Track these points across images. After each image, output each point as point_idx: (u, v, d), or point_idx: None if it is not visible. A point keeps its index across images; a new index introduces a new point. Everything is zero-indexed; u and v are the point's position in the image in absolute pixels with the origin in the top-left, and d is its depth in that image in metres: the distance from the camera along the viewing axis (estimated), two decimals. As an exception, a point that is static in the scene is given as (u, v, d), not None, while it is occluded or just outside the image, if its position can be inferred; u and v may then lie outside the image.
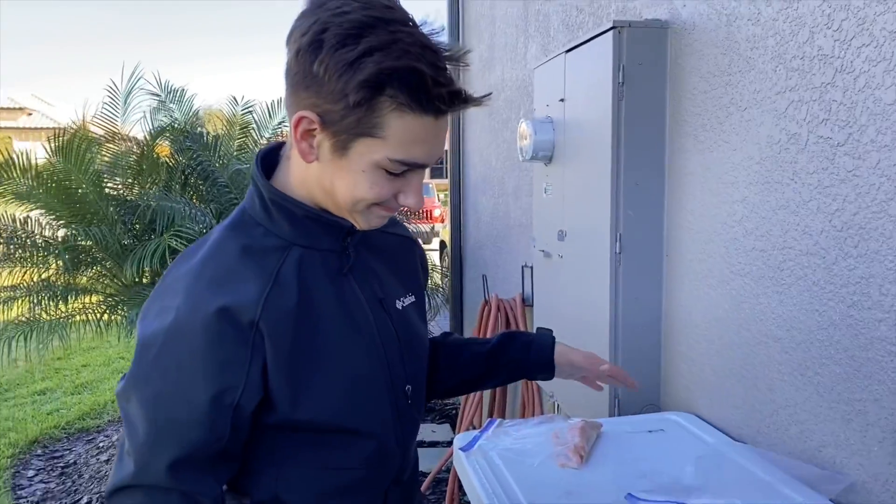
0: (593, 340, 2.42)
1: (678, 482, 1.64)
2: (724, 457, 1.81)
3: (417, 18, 0.86)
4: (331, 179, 0.89)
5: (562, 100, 2.69)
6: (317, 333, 0.93)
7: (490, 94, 0.92)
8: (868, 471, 1.48)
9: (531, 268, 3.65)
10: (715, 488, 1.57)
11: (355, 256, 1.00)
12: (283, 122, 5.42)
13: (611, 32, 2.23)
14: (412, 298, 1.10)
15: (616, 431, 2.00)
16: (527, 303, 3.71)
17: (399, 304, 1.06)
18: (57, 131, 4.28)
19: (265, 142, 5.42)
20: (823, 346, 1.60)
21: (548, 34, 3.49)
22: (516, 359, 1.25)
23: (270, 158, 0.99)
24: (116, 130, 4.73)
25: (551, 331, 1.28)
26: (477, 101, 0.87)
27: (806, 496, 1.52)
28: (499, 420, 2.12)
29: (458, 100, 0.84)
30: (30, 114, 31.26)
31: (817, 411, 1.63)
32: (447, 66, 0.84)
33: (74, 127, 4.50)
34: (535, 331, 1.35)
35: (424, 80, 0.80)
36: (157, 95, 5.04)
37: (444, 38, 0.86)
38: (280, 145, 1.01)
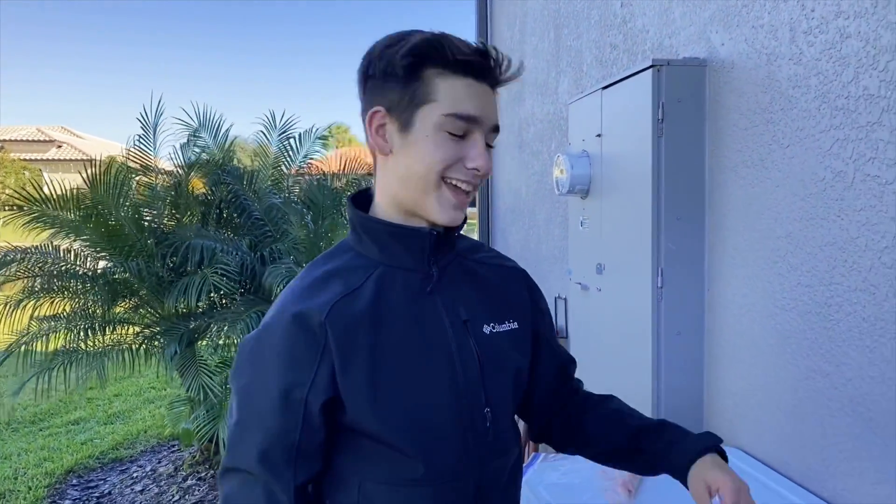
0: (635, 374, 2.43)
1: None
2: (775, 493, 1.82)
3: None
4: (405, 162, 1.00)
5: (598, 135, 2.73)
6: (388, 347, 0.99)
7: (521, 63, 1.05)
8: (925, 509, 1.48)
9: (565, 300, 3.67)
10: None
11: (440, 277, 1.06)
12: (308, 154, 5.48)
13: (650, 70, 2.27)
14: (511, 325, 1.13)
15: (662, 466, 2.01)
16: (560, 335, 3.72)
17: (488, 329, 1.09)
18: (93, 162, 4.36)
19: (295, 171, 5.48)
20: (875, 382, 1.61)
21: (580, 69, 3.54)
22: (655, 451, 1.13)
23: (361, 200, 1.11)
24: (151, 163, 4.81)
25: (720, 440, 1.10)
26: (510, 67, 1.03)
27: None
28: (543, 454, 2.13)
29: (489, 59, 0.99)
30: (59, 146, 31.87)
31: (871, 448, 1.63)
32: (476, 45, 1.00)
33: (107, 159, 4.57)
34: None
35: (451, 43, 0.97)
36: (191, 126, 5.11)
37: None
38: (368, 193, 1.12)
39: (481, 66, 0.99)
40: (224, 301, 4.68)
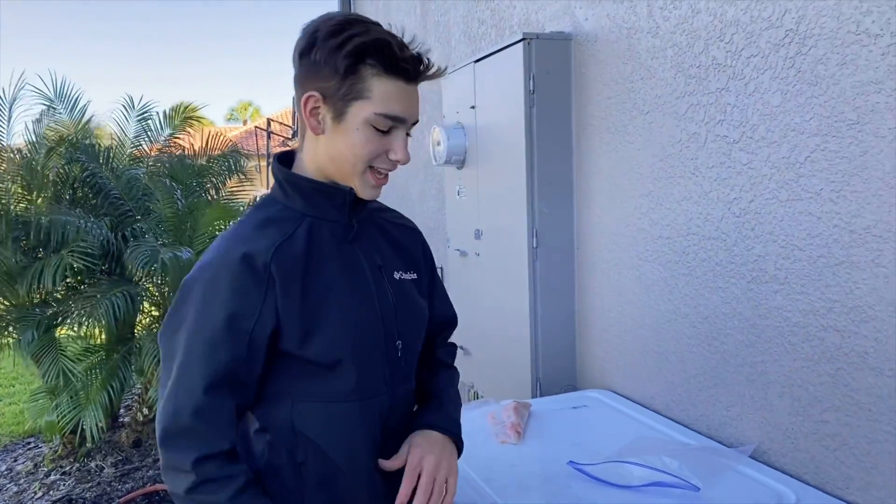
0: (513, 331, 2.58)
1: (609, 448, 1.82)
2: (645, 425, 2.02)
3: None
4: (335, 146, 1.12)
5: (472, 107, 2.85)
6: (322, 284, 1.13)
7: (447, 67, 1.12)
8: (771, 423, 1.71)
9: (441, 268, 3.79)
10: (644, 450, 1.76)
11: (359, 229, 1.21)
12: (173, 134, 5.32)
13: (521, 44, 2.41)
14: (413, 276, 1.30)
15: (544, 410, 2.17)
16: (437, 302, 3.84)
17: (397, 276, 1.26)
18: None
19: (157, 150, 5.28)
20: (728, 318, 1.83)
21: (448, 44, 3.65)
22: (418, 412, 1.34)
23: (285, 160, 1.21)
24: (2, 142, 4.50)
25: (453, 431, 1.30)
26: (438, 71, 1.14)
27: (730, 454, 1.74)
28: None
29: (421, 65, 1.10)
30: None
31: (724, 376, 1.85)
32: (411, 48, 1.11)
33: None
34: None
35: (392, 48, 1.06)
36: (48, 99, 4.83)
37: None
38: (292, 152, 1.22)
39: (415, 72, 1.10)
40: (84, 285, 4.45)
